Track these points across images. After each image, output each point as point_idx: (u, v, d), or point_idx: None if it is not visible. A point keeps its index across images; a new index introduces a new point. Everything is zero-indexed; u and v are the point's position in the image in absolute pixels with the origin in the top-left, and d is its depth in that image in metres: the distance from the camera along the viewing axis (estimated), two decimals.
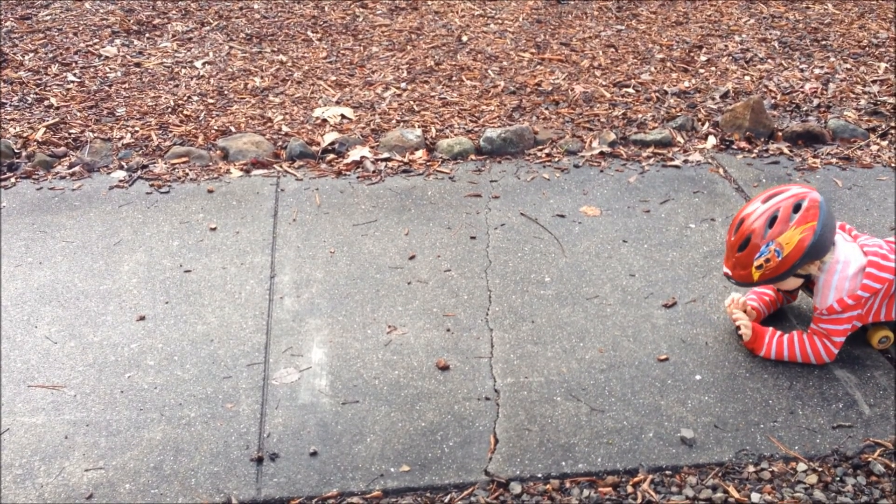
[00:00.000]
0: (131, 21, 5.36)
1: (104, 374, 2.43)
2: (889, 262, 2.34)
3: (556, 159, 3.76)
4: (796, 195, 2.31)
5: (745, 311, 2.57)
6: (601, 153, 3.80)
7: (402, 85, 4.54)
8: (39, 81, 4.48)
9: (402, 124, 4.06)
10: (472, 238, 3.12)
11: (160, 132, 3.96)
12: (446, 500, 2.04)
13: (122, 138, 3.87)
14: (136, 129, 3.97)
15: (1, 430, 2.22)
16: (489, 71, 4.73)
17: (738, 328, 2.52)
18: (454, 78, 4.64)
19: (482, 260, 2.99)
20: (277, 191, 3.46)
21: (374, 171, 3.63)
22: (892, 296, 2.40)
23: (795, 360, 2.43)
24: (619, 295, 2.79)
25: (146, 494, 2.04)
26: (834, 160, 3.77)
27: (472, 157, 3.79)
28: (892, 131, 4.03)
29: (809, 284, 2.52)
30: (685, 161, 3.75)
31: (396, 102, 4.32)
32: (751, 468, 2.12)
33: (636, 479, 2.09)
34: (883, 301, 2.41)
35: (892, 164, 3.72)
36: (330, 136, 3.88)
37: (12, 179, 3.53)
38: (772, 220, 2.29)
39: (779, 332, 2.47)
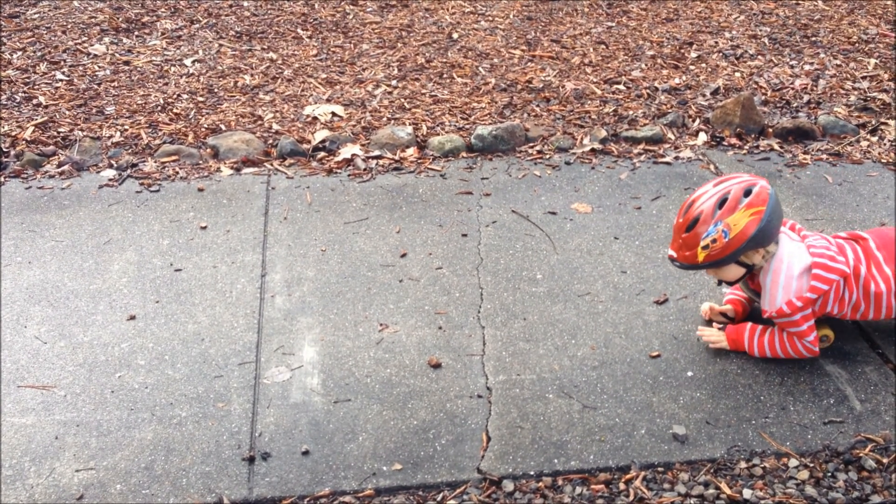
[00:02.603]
0: (120, 19, 5.33)
1: (94, 374, 2.41)
2: (836, 262, 2.32)
3: (548, 156, 3.76)
4: (747, 181, 2.32)
5: (724, 315, 2.58)
6: (592, 150, 3.80)
7: (393, 82, 4.53)
8: (28, 80, 4.45)
9: (392, 122, 4.05)
10: (464, 235, 3.12)
11: (150, 130, 3.94)
12: (439, 499, 2.03)
13: (111, 137, 3.85)
14: (126, 127, 3.95)
15: None
16: (480, 68, 4.73)
17: (708, 339, 2.52)
18: (445, 75, 4.63)
19: (474, 257, 2.99)
20: (268, 189, 3.45)
21: (364, 169, 3.62)
22: (837, 298, 2.38)
23: (789, 356, 2.43)
24: (610, 292, 2.79)
25: (137, 495, 2.03)
26: (824, 156, 3.78)
27: (464, 154, 3.78)
28: (882, 127, 4.04)
29: (753, 286, 2.50)
30: (676, 157, 3.75)
31: (387, 100, 4.31)
32: (742, 464, 2.13)
33: (628, 476, 2.09)
34: (836, 301, 2.39)
35: (883, 160, 3.74)
36: (321, 134, 3.87)
37: (1, 178, 3.51)
38: (721, 202, 2.28)
39: (759, 328, 2.45)
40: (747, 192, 2.28)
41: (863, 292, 2.37)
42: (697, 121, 4.10)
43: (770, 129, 4.01)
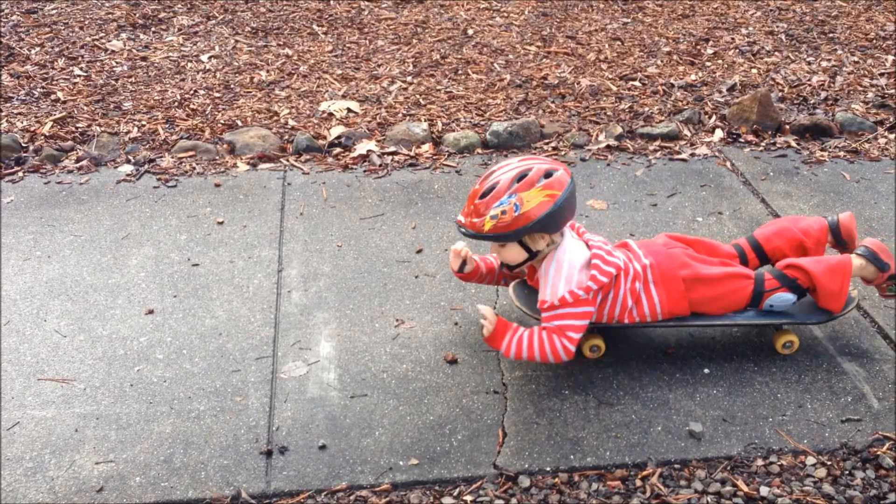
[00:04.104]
0: (137, 15, 5.36)
1: (113, 368, 2.43)
2: (612, 257, 2.31)
3: (563, 153, 3.75)
4: (551, 165, 2.29)
5: (463, 261, 2.51)
6: (608, 146, 3.80)
7: (408, 78, 4.53)
8: (46, 75, 4.48)
9: (408, 118, 4.06)
10: None
11: (167, 126, 3.96)
12: (455, 494, 2.04)
13: (129, 132, 3.87)
14: (143, 123, 3.97)
15: (1, 426, 2.23)
16: (495, 64, 4.73)
17: (483, 317, 2.37)
18: (460, 71, 4.63)
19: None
20: (284, 184, 3.46)
21: (380, 165, 3.63)
22: (604, 298, 2.34)
23: (534, 359, 2.29)
24: None
25: (156, 487, 2.05)
26: (841, 153, 3.76)
27: (479, 150, 3.78)
28: None
29: (532, 283, 2.43)
30: (692, 154, 3.74)
31: (402, 96, 4.32)
32: (759, 462, 2.12)
33: (645, 473, 2.09)
34: (602, 298, 2.35)
35: None
36: (336, 130, 3.88)
37: (20, 173, 3.54)
38: (521, 176, 2.25)
39: (520, 330, 2.32)
40: (548, 175, 2.25)
41: (629, 288, 2.36)
42: (714, 117, 4.08)
43: (787, 126, 3.99)
